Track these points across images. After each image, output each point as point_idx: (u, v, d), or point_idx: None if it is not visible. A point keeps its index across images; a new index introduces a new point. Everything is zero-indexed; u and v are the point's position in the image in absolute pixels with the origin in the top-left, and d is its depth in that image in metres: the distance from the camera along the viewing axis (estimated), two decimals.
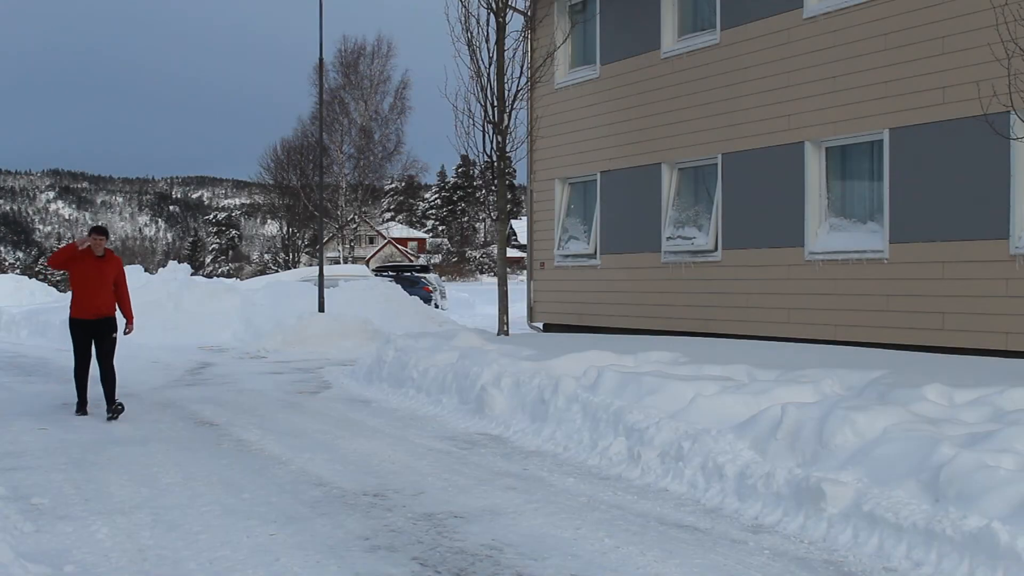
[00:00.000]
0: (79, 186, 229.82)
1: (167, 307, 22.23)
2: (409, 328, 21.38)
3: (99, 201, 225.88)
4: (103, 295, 11.15)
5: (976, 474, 5.75)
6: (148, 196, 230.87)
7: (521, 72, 16.81)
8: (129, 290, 11.56)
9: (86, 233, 11.32)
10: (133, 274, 25.03)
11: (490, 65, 16.61)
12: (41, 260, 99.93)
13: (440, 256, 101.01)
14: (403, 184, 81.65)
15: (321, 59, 25.90)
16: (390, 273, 38.60)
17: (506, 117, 16.63)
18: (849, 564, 5.60)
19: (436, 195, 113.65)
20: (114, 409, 10.81)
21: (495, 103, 16.61)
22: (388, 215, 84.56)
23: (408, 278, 36.46)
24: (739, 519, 6.57)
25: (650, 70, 16.59)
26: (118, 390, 11.39)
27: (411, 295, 27.81)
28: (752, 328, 14.49)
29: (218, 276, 60.15)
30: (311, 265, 54.72)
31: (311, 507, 6.88)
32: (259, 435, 9.78)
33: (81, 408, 11.29)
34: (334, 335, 20.00)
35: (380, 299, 25.23)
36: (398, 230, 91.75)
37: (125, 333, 11.45)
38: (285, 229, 77.96)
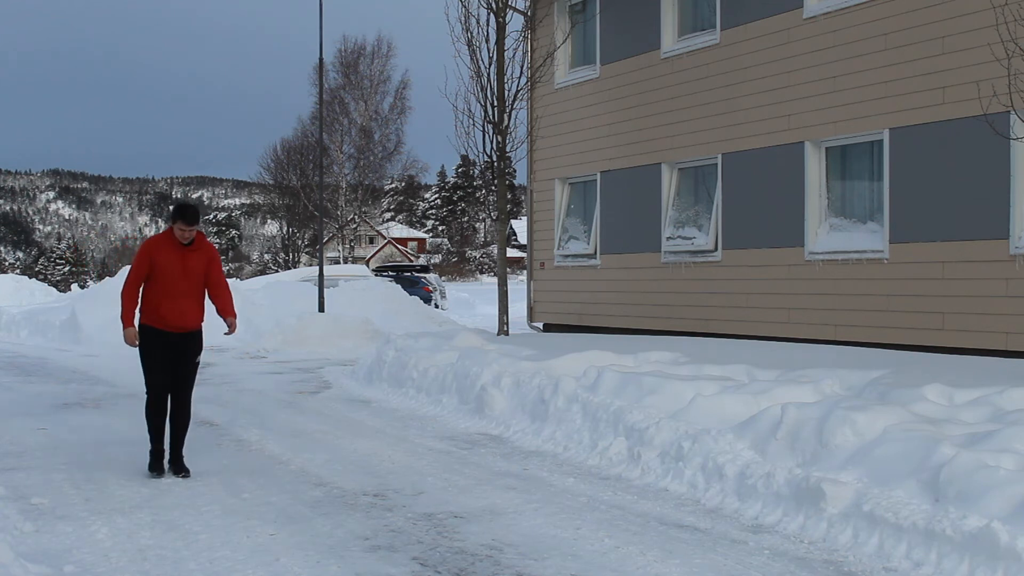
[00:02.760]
0: (79, 186, 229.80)
1: None
2: (409, 328, 21.38)
3: (99, 201, 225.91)
4: (190, 300, 7.94)
5: (976, 474, 5.75)
6: (148, 196, 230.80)
7: (521, 72, 16.81)
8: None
9: (171, 218, 7.93)
10: None
11: (490, 65, 16.61)
12: (41, 260, 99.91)
13: (440, 256, 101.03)
14: (403, 184, 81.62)
15: (321, 59, 25.92)
16: (390, 273, 38.60)
17: (506, 117, 16.63)
18: (849, 564, 5.61)
19: (436, 195, 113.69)
20: (181, 467, 7.89)
21: (495, 103, 16.60)
22: (388, 215, 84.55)
23: (408, 278, 36.47)
24: (739, 519, 6.57)
25: (650, 70, 16.59)
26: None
27: (411, 295, 27.82)
28: (752, 328, 14.49)
29: None
30: (311, 265, 54.74)
31: (311, 507, 6.88)
32: (259, 435, 9.78)
33: (158, 461, 7.95)
34: (334, 335, 20.00)
35: (380, 299, 25.23)
36: (398, 230, 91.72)
37: (226, 334, 8.31)
38: (285, 229, 77.97)
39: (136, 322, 8.01)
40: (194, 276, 7.95)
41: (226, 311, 8.20)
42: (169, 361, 7.94)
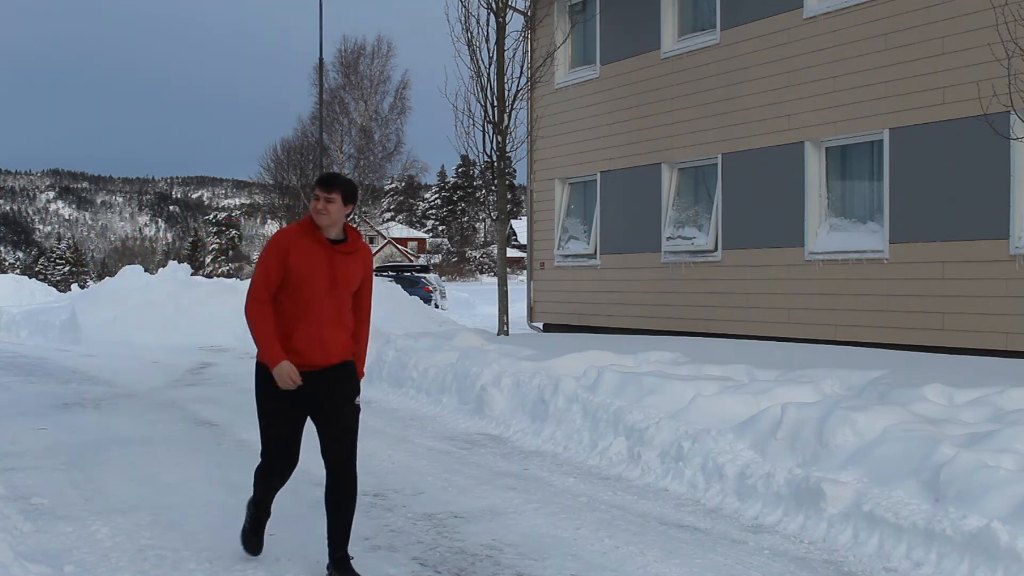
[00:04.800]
0: (79, 186, 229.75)
1: (167, 307, 22.24)
2: (409, 328, 21.35)
3: (99, 201, 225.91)
4: (335, 327, 5.32)
5: (976, 474, 5.75)
6: (148, 196, 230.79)
7: (521, 72, 16.82)
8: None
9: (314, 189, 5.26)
10: (133, 274, 25.07)
11: (490, 65, 16.62)
12: (41, 260, 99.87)
13: (440, 256, 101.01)
14: (403, 184, 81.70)
15: (321, 59, 25.98)
16: (390, 273, 38.60)
17: (506, 117, 16.64)
18: (849, 564, 5.61)
19: (436, 195, 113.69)
20: (342, 563, 5.32)
21: (495, 103, 16.61)
22: (388, 215, 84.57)
23: (408, 278, 36.47)
24: (739, 519, 6.57)
25: (650, 70, 16.59)
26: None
27: (411, 295, 27.81)
28: (752, 328, 14.49)
29: (218, 276, 60.15)
30: None
31: (311, 507, 6.87)
32: (259, 435, 9.77)
33: (255, 533, 5.67)
34: None
35: (380, 299, 25.13)
36: (398, 230, 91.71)
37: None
38: None
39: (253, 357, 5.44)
40: (344, 290, 5.31)
41: (359, 350, 5.51)
42: (298, 411, 5.38)
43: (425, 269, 42.10)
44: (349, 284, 5.32)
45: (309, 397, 5.32)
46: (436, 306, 34.14)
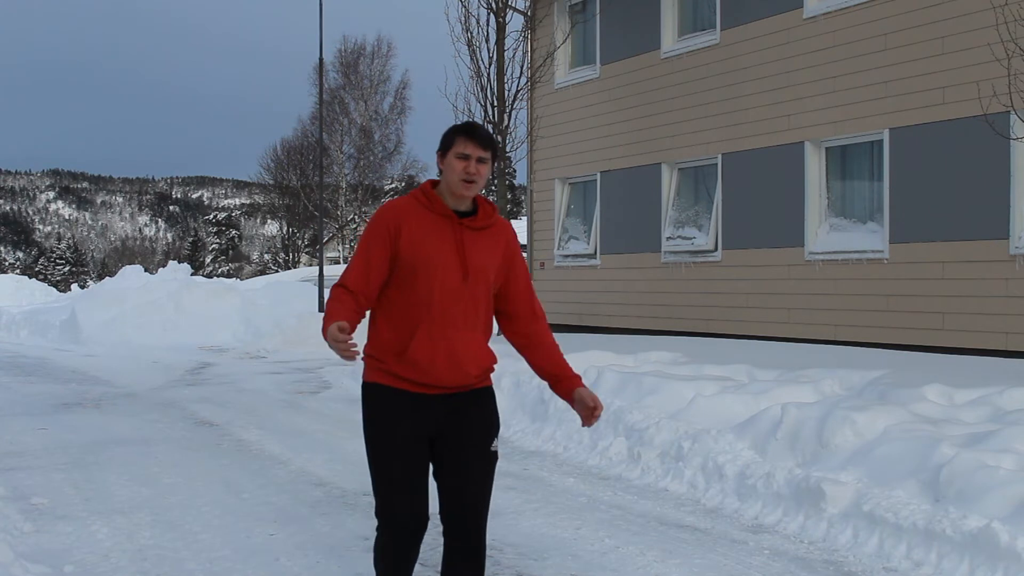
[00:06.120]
0: (79, 186, 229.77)
1: (167, 307, 22.26)
2: None
3: (99, 201, 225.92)
4: (470, 331, 3.80)
5: (976, 474, 5.74)
6: (148, 196, 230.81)
7: (521, 72, 16.84)
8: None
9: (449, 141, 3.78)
10: (133, 274, 25.07)
11: (490, 65, 16.64)
12: (41, 260, 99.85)
13: None
14: (403, 184, 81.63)
15: (321, 59, 25.94)
16: None
17: (506, 117, 16.65)
18: (849, 564, 5.60)
19: None
20: None
21: (495, 103, 16.62)
22: None
23: None
24: (739, 519, 6.56)
25: (650, 70, 16.59)
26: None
27: None
28: (752, 328, 14.49)
29: (218, 276, 60.17)
30: (311, 265, 54.66)
31: (311, 507, 6.87)
32: (259, 435, 9.78)
33: None
34: None
35: None
36: None
37: (585, 425, 3.93)
38: (285, 229, 77.95)
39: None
40: (481, 281, 3.81)
41: (566, 370, 3.95)
42: (427, 456, 3.94)
43: None
44: (485, 272, 3.79)
45: (431, 430, 3.86)
46: None
